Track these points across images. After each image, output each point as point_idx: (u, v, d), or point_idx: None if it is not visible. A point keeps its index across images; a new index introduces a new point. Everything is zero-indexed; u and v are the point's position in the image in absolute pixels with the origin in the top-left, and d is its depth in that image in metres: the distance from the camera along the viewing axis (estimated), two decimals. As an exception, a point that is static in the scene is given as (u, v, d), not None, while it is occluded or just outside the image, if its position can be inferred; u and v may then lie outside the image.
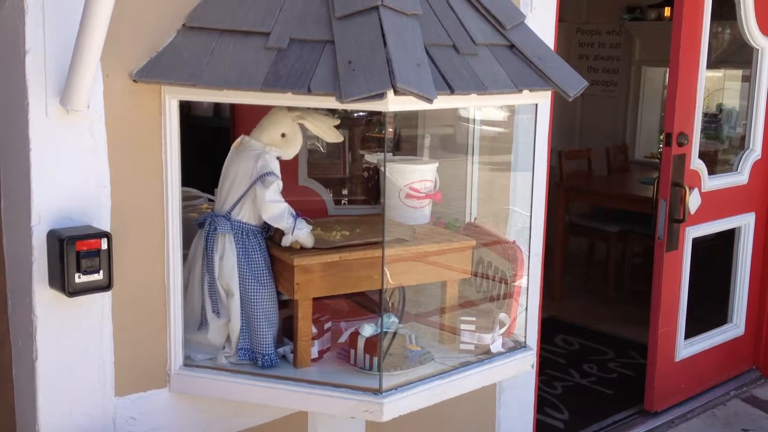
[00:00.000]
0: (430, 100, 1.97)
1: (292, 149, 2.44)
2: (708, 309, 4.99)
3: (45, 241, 2.15)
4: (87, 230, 2.16)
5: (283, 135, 2.40)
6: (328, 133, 2.47)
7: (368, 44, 2.04)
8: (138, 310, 2.35)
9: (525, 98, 2.40)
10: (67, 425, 2.27)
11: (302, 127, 2.45)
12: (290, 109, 2.40)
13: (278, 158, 2.39)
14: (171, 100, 2.28)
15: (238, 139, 2.42)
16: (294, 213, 2.37)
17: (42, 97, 2.09)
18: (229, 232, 2.35)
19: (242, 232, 2.37)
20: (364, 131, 3.31)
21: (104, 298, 2.26)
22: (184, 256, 2.44)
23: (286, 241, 2.37)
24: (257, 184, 2.34)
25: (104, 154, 2.22)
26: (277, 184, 2.34)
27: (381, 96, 1.95)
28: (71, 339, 2.23)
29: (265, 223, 2.41)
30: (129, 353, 2.35)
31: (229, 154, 2.44)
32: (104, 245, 2.15)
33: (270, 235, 2.45)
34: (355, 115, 3.23)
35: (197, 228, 2.45)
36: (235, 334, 2.39)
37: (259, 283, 2.36)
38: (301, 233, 2.37)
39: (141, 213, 2.32)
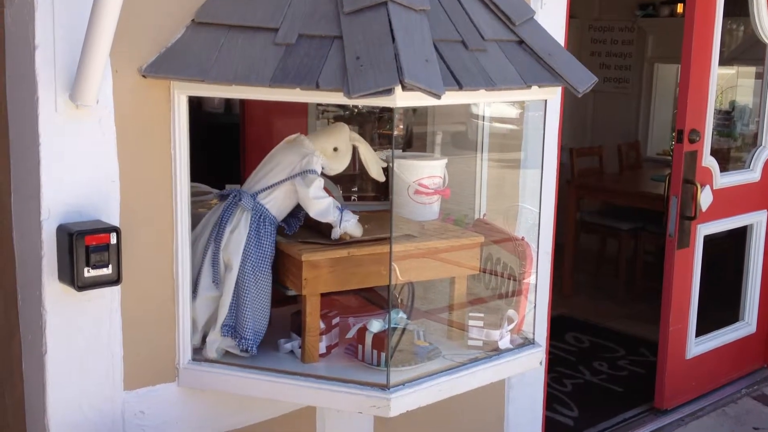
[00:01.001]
0: (438, 96, 1.97)
1: (338, 165, 2.48)
2: (719, 307, 4.96)
3: (54, 236, 2.16)
4: (96, 225, 2.17)
5: (335, 149, 2.46)
6: (374, 167, 2.56)
7: (376, 40, 2.04)
8: (147, 304, 2.36)
9: (534, 94, 2.39)
10: (76, 419, 2.28)
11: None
12: (352, 129, 2.50)
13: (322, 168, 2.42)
14: (180, 95, 2.29)
15: (294, 135, 2.47)
16: (339, 206, 2.39)
17: (51, 93, 2.10)
18: (249, 211, 2.37)
19: (260, 216, 2.38)
20: (374, 128, 3.31)
21: (113, 293, 2.27)
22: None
23: (335, 234, 2.40)
24: (298, 181, 2.36)
25: (113, 149, 2.23)
26: (320, 181, 2.37)
27: (389, 91, 1.95)
28: (80, 333, 2.24)
29: (284, 218, 2.44)
30: (138, 347, 2.36)
31: (280, 144, 2.48)
32: (113, 240, 2.16)
33: (294, 230, 2.47)
34: (366, 111, 3.23)
35: (218, 200, 2.48)
36: (224, 309, 2.39)
37: (257, 269, 2.37)
38: (349, 224, 2.39)
39: (150, 208, 2.33)
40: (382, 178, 2.61)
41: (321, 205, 2.37)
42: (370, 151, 2.55)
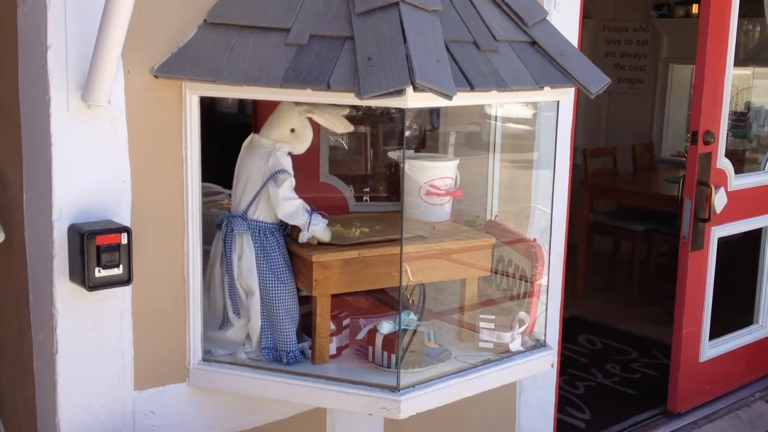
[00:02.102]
0: (449, 97, 1.96)
1: (302, 144, 2.43)
2: (733, 309, 4.93)
3: (66, 236, 2.16)
4: (107, 225, 2.17)
5: (292, 130, 2.41)
6: (337, 124, 2.45)
7: (388, 40, 2.03)
8: (157, 304, 2.36)
9: (546, 95, 2.38)
10: (86, 418, 2.28)
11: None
12: (297, 104, 2.39)
13: (290, 154, 2.39)
14: (191, 95, 2.29)
15: (249, 138, 2.43)
16: (309, 209, 2.37)
17: (63, 93, 2.10)
18: (246, 232, 2.36)
19: (259, 230, 2.37)
20: (386, 128, 3.30)
21: (124, 293, 2.27)
22: (204, 251, 2.45)
23: (302, 238, 2.38)
24: (270, 182, 2.34)
25: (125, 149, 2.23)
26: (290, 181, 2.34)
27: (400, 92, 1.94)
28: (91, 333, 2.25)
29: (282, 220, 2.42)
30: (148, 347, 2.36)
31: (241, 153, 2.44)
32: (124, 240, 2.17)
33: (288, 232, 2.46)
34: (379, 111, 3.22)
35: (216, 229, 2.46)
36: (255, 333, 2.40)
37: (279, 281, 2.36)
38: (317, 228, 2.37)
39: (161, 208, 2.33)
40: (350, 128, 2.51)
41: (290, 206, 2.34)
42: (325, 111, 2.43)
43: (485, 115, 3.22)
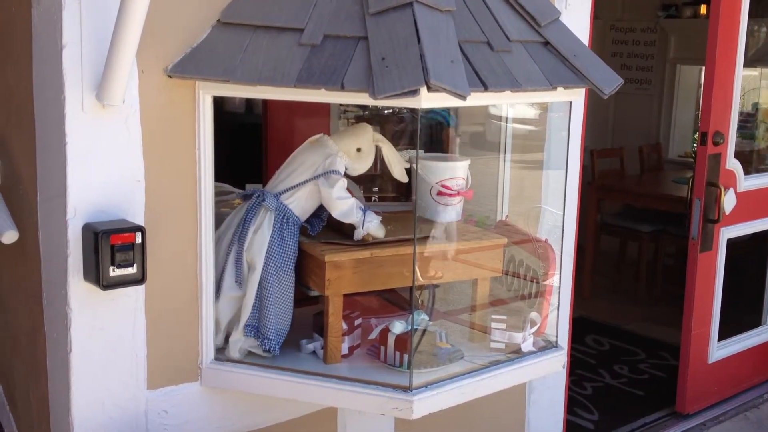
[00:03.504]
0: (463, 97, 1.96)
1: (360, 165, 2.48)
2: (742, 311, 4.92)
3: (80, 235, 2.17)
4: (121, 224, 2.18)
5: (358, 149, 2.45)
6: (397, 168, 2.56)
7: (402, 40, 2.03)
8: (171, 304, 2.36)
9: (559, 95, 2.38)
10: (100, 417, 2.29)
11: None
12: (375, 130, 2.49)
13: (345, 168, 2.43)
14: (205, 95, 2.30)
15: (317, 135, 2.48)
16: (362, 206, 2.39)
17: (78, 92, 2.11)
18: (273, 211, 2.37)
19: (284, 216, 2.39)
20: (396, 127, 3.30)
21: (138, 292, 2.28)
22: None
23: (357, 235, 2.40)
24: (321, 181, 2.36)
25: (139, 148, 2.24)
26: (343, 182, 2.38)
27: (414, 92, 1.94)
28: (105, 332, 2.25)
29: (307, 219, 2.44)
30: (161, 347, 2.37)
31: (303, 144, 2.48)
32: (138, 239, 2.17)
33: (319, 231, 2.49)
34: (386, 111, 3.23)
35: (241, 200, 2.48)
36: (247, 309, 2.40)
37: (280, 269, 2.37)
38: (372, 225, 2.39)
39: (174, 207, 2.33)
40: (405, 179, 2.60)
41: (344, 205, 2.36)
42: (393, 151, 2.55)
43: (490, 115, 3.22)
